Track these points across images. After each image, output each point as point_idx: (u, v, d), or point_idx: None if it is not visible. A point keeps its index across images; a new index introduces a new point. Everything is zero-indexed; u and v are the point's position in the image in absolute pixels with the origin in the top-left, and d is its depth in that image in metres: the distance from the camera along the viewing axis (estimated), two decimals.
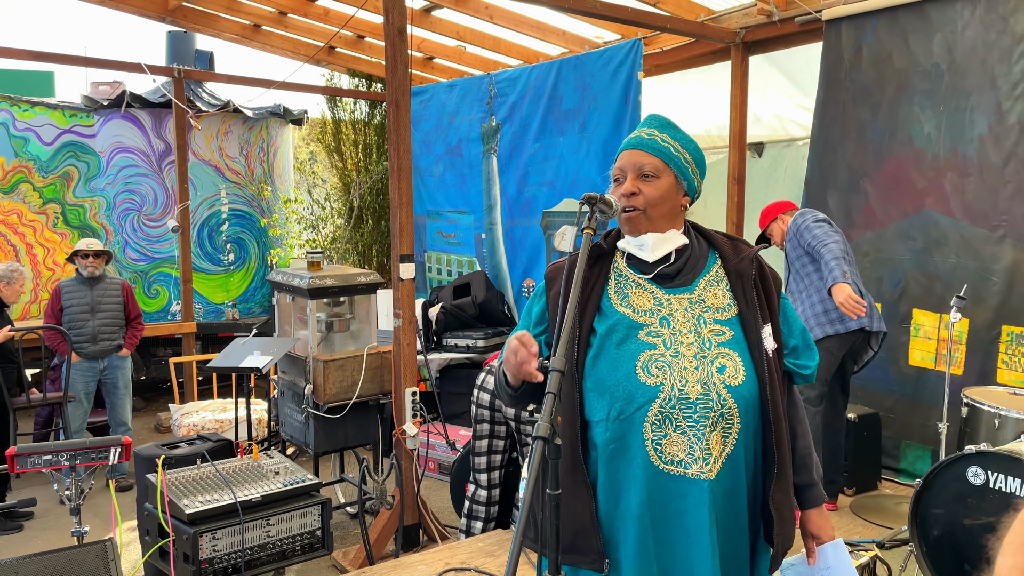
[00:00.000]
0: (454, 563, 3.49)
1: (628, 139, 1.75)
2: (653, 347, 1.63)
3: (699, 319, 1.66)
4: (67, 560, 2.55)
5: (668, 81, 6.45)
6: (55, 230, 7.37)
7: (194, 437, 3.94)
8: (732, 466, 1.62)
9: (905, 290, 4.54)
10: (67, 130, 7.34)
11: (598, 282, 1.71)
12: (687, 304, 1.67)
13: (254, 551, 3.01)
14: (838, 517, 3.97)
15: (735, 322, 1.67)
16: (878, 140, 4.66)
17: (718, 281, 1.72)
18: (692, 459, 1.59)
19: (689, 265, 1.72)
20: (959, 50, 4.27)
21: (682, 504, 1.59)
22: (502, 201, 6.68)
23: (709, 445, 1.59)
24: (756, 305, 1.68)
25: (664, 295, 1.69)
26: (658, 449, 1.60)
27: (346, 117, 8.33)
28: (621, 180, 1.71)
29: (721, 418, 1.60)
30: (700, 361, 1.62)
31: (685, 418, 1.59)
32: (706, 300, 1.69)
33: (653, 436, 1.59)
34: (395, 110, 3.88)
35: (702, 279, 1.71)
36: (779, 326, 1.74)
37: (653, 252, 1.69)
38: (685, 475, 1.59)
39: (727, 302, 1.69)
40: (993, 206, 4.14)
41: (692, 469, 1.58)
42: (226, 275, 7.53)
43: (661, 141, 1.71)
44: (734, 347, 1.65)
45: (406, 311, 3.98)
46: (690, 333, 1.65)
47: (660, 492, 1.60)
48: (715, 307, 1.68)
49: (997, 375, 4.12)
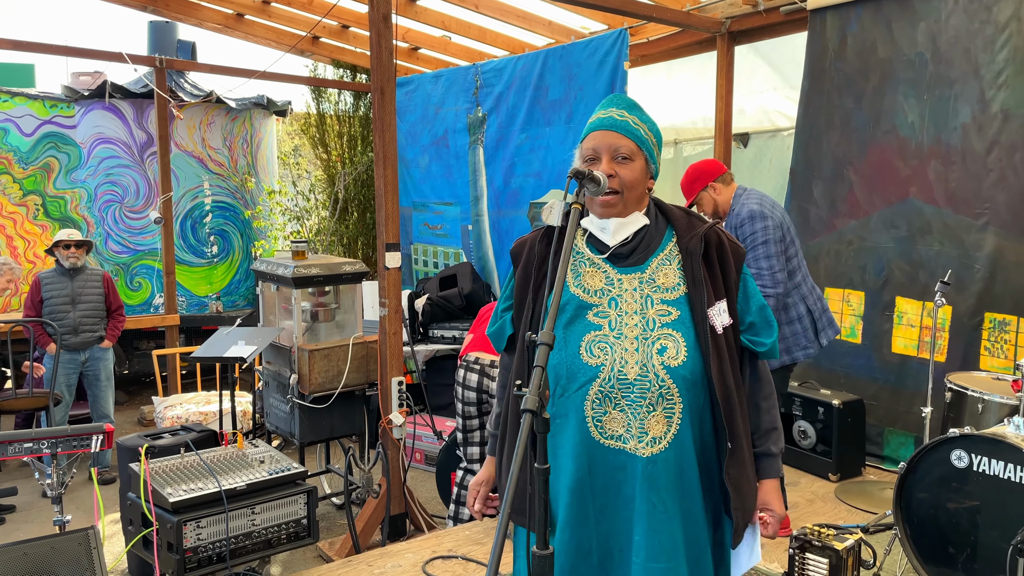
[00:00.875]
0: (441, 551, 3.48)
1: (598, 119, 1.74)
2: (598, 328, 1.68)
3: (647, 299, 1.69)
4: (49, 548, 2.51)
5: (654, 71, 6.45)
6: (36, 222, 7.28)
7: (178, 428, 3.91)
8: (679, 444, 1.66)
9: (889, 278, 4.56)
10: (47, 121, 7.24)
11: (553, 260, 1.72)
12: (637, 284, 1.71)
13: (239, 540, 2.99)
14: (823, 502, 3.99)
15: (683, 301, 1.69)
16: (862, 129, 4.68)
17: (671, 260, 1.73)
18: (629, 435, 1.65)
19: (643, 244, 1.73)
20: (943, 39, 4.29)
21: (621, 475, 1.66)
22: (488, 192, 6.66)
23: (646, 424, 1.64)
24: (704, 283, 1.69)
25: (616, 275, 1.72)
26: (598, 425, 1.67)
27: (330, 109, 8.27)
28: (595, 161, 1.71)
29: (661, 398, 1.64)
30: (641, 343, 1.66)
31: (624, 397, 1.65)
32: (656, 280, 1.71)
33: (594, 413, 1.66)
34: (380, 97, 3.86)
35: (655, 258, 1.73)
36: (735, 301, 1.74)
37: (614, 237, 1.72)
38: (624, 449, 1.65)
39: (677, 281, 1.71)
40: (976, 194, 4.17)
41: (629, 444, 1.65)
42: (210, 267, 7.46)
43: (632, 123, 1.72)
44: (678, 327, 1.67)
45: (392, 300, 3.96)
46: (635, 314, 1.68)
47: (601, 464, 1.67)
48: (664, 287, 1.71)
49: (980, 361, 4.15)
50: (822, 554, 2.71)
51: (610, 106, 1.75)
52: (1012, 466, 2.67)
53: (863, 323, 4.68)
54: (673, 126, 6.53)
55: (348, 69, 8.08)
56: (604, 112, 1.75)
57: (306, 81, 7.81)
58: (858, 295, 4.71)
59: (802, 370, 4.94)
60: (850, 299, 4.74)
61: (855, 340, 4.72)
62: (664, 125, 6.60)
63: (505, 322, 1.85)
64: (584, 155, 1.73)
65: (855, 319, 4.72)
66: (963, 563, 2.81)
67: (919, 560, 2.93)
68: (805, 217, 5.00)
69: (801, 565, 2.76)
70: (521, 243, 1.85)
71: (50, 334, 5.05)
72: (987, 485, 2.74)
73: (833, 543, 2.71)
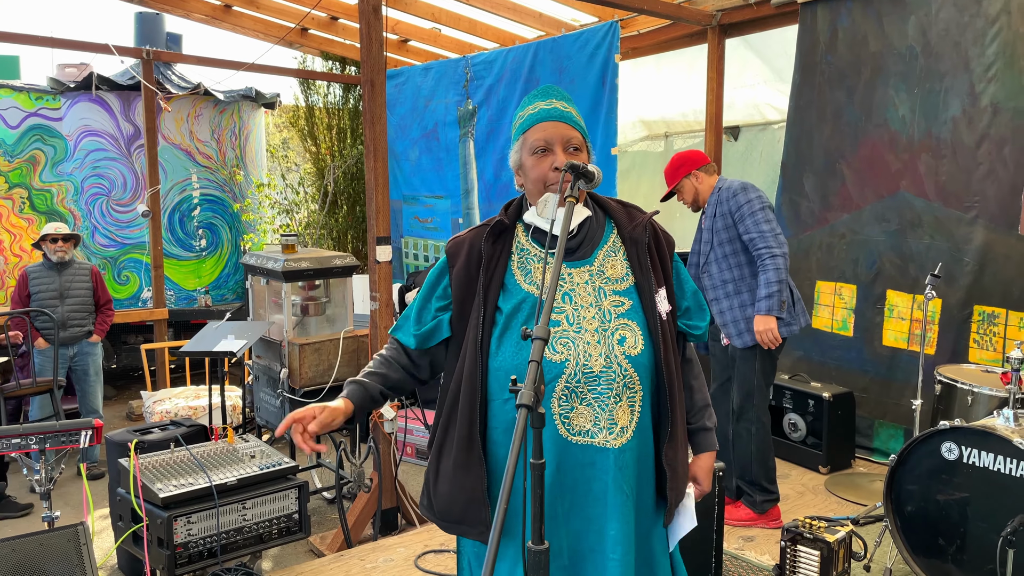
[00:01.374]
0: (433, 545, 3.48)
1: (543, 109, 1.72)
2: (557, 324, 1.66)
3: (599, 291, 1.70)
4: (37, 545, 2.49)
5: (644, 64, 6.44)
6: (21, 215, 7.20)
7: (167, 423, 3.88)
8: (642, 432, 1.70)
9: (880, 271, 4.58)
10: (33, 113, 7.15)
11: (501, 258, 1.72)
12: (588, 277, 1.71)
13: (230, 535, 2.98)
14: (813, 495, 4.01)
15: (632, 291, 1.72)
16: (854, 123, 4.69)
17: (615, 251, 1.75)
18: (598, 429, 1.64)
19: (588, 237, 1.74)
20: (933, 32, 4.30)
21: (590, 471, 1.65)
22: (479, 185, 6.64)
23: (614, 415, 1.65)
24: (650, 271, 1.73)
25: (566, 269, 1.71)
26: (565, 422, 1.65)
27: (319, 102, 8.21)
28: (547, 151, 1.70)
29: (625, 388, 1.66)
30: (601, 334, 1.66)
31: (590, 391, 1.65)
32: (605, 271, 1.72)
33: (560, 410, 1.65)
34: (370, 89, 3.83)
35: (600, 250, 1.74)
36: (672, 288, 1.79)
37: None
38: (592, 444, 1.65)
39: (624, 271, 1.74)
40: (966, 187, 4.19)
41: (598, 438, 1.65)
42: (198, 261, 7.41)
43: (576, 115, 1.74)
44: (633, 317, 1.70)
45: (383, 294, 3.94)
46: (591, 307, 1.68)
47: (569, 461, 1.65)
48: (613, 277, 1.72)
49: (969, 354, 4.18)
50: (813, 546, 2.72)
51: (550, 97, 1.75)
52: (1001, 458, 2.69)
53: (855, 316, 4.70)
54: (664, 119, 6.53)
55: (337, 61, 8.03)
56: (545, 103, 1.73)
57: (295, 73, 7.76)
58: (850, 288, 4.72)
59: (792, 362, 4.96)
60: (842, 292, 4.76)
61: (847, 333, 4.74)
62: (655, 118, 6.60)
63: (442, 323, 1.75)
64: (533, 146, 1.71)
65: (847, 312, 4.74)
66: (953, 554, 2.83)
67: (909, 552, 2.95)
68: (796, 211, 5.01)
69: (793, 557, 2.77)
70: (459, 242, 1.78)
71: (37, 328, 5.00)
72: (977, 477, 2.76)
73: (825, 535, 2.72)
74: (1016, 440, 2.62)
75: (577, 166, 1.58)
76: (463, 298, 1.72)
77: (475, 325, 1.69)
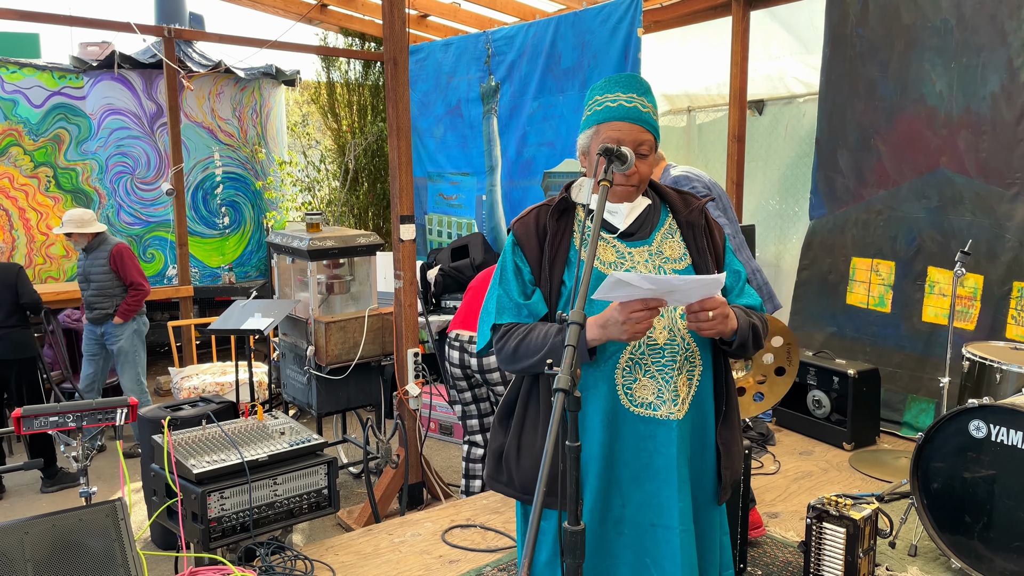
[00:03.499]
0: (459, 520, 3.53)
1: (622, 107, 1.71)
2: None
3: (659, 269, 1.75)
4: (77, 520, 2.56)
5: (668, 38, 6.35)
6: (47, 194, 7.29)
7: (197, 399, 3.95)
8: (699, 405, 1.74)
9: (920, 248, 4.53)
10: (56, 92, 7.21)
11: (564, 235, 1.78)
12: (647, 256, 1.76)
13: (262, 510, 3.04)
14: (837, 471, 4.01)
15: (690, 270, 1.77)
16: (889, 98, 4.61)
17: (672, 233, 1.81)
18: (661, 401, 1.69)
19: (647, 220, 1.80)
20: (968, 4, 4.20)
21: (652, 444, 1.70)
22: (503, 162, 6.62)
23: (677, 387, 1.69)
24: (706, 252, 1.79)
25: (625, 248, 1.77)
26: (628, 393, 1.70)
27: (340, 78, 8.20)
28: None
29: (686, 361, 1.72)
30: (665, 308, 1.70)
31: (654, 363, 1.69)
32: (664, 251, 1.78)
33: (623, 381, 1.70)
34: (393, 68, 3.82)
35: (658, 232, 1.80)
36: (723, 272, 1.84)
37: (625, 221, 1.77)
38: (655, 416, 1.69)
39: (682, 252, 1.79)
40: (1007, 164, 4.12)
41: (661, 411, 1.69)
42: (222, 239, 7.48)
43: (653, 115, 1.76)
44: None
45: (407, 272, 3.96)
46: None
47: (630, 433, 1.70)
48: (672, 257, 1.78)
49: (1006, 330, 4.14)
50: (839, 523, 2.73)
51: (631, 90, 1.74)
52: None
53: (893, 292, 4.66)
54: (687, 93, 6.45)
55: (357, 37, 7.99)
56: (626, 97, 1.73)
57: (315, 50, 7.73)
58: (888, 265, 4.68)
59: (825, 338, 4.94)
60: (879, 268, 4.72)
61: (884, 309, 4.71)
62: (677, 92, 6.53)
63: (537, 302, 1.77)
64: (608, 138, 1.72)
65: (884, 288, 4.70)
66: (979, 532, 2.83)
67: (935, 529, 2.95)
68: (831, 187, 4.95)
69: (818, 534, 2.78)
70: (524, 223, 1.81)
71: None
72: (1004, 455, 2.75)
73: (851, 512, 2.73)
74: None
75: (611, 149, 1.59)
76: (537, 273, 1.78)
77: (544, 298, 1.76)
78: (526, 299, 1.78)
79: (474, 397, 4.01)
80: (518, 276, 1.80)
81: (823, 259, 5.03)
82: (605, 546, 1.75)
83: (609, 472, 1.71)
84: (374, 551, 3.26)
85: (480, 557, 3.20)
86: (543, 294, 1.75)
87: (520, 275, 1.80)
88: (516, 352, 1.71)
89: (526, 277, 1.80)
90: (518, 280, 1.80)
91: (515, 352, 1.72)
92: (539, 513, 1.16)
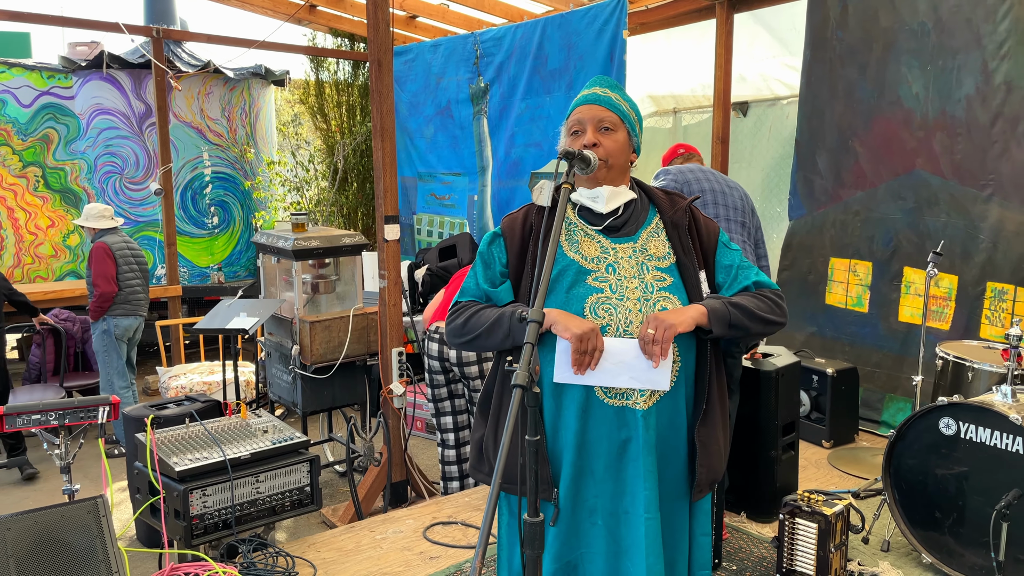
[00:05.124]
0: (441, 517, 3.57)
1: (582, 96, 1.85)
2: (600, 291, 1.75)
3: (642, 266, 1.78)
4: (59, 517, 2.59)
5: (653, 40, 6.40)
6: (36, 194, 7.29)
7: (182, 398, 3.98)
8: (672, 399, 1.76)
9: (896, 248, 4.59)
10: (45, 92, 7.22)
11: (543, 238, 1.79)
12: (631, 252, 1.80)
13: (244, 507, 3.07)
14: (815, 468, 4.07)
15: (674, 269, 1.81)
16: (867, 100, 4.67)
17: (658, 232, 1.85)
18: (632, 390, 1.72)
19: (633, 217, 1.84)
20: (944, 8, 4.26)
21: (624, 432, 1.74)
22: (493, 163, 6.65)
23: None
24: (692, 252, 1.82)
25: (610, 244, 1.80)
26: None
27: (329, 78, 8.22)
28: (580, 133, 1.81)
29: None
30: (643, 303, 1.74)
31: None
32: (648, 249, 1.81)
33: None
34: (377, 69, 3.85)
35: (644, 230, 1.84)
36: (713, 272, 1.87)
37: (607, 204, 1.80)
38: (627, 406, 1.73)
39: (667, 251, 1.82)
40: (981, 165, 4.18)
41: (632, 399, 1.72)
42: (210, 238, 7.50)
43: (615, 99, 1.82)
44: (674, 291, 1.78)
45: (391, 272, 4.00)
46: (634, 278, 1.77)
47: (603, 423, 1.73)
48: (656, 255, 1.81)
49: (981, 330, 4.20)
50: (811, 519, 2.78)
51: (594, 85, 1.86)
52: (998, 433, 2.73)
53: (870, 293, 4.72)
54: (672, 94, 6.50)
55: (346, 38, 8.02)
56: (588, 90, 1.85)
57: (304, 50, 7.76)
58: (865, 265, 4.74)
59: (805, 338, 5.00)
60: (857, 269, 4.78)
61: (862, 309, 4.76)
62: (663, 93, 6.58)
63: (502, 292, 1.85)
64: (570, 128, 1.83)
65: (861, 289, 4.76)
66: (949, 527, 2.89)
67: (907, 524, 3.01)
68: (810, 188, 5.01)
69: (791, 530, 2.83)
70: (512, 218, 1.90)
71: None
72: (974, 452, 2.80)
73: (822, 508, 2.78)
74: (1013, 416, 2.66)
75: (572, 152, 1.63)
76: (518, 267, 1.83)
77: (525, 292, 1.80)
78: (491, 287, 1.86)
79: (450, 393, 4.03)
80: (488, 267, 1.88)
81: (802, 260, 5.08)
82: (579, 535, 1.79)
83: (582, 462, 1.75)
84: (356, 548, 3.30)
85: (461, 553, 3.24)
86: (523, 288, 1.81)
87: (491, 267, 1.88)
88: (465, 325, 1.80)
89: (497, 268, 1.87)
90: (487, 271, 1.88)
91: (464, 325, 1.80)
92: (494, 504, 1.20)
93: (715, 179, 3.70)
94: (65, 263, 7.46)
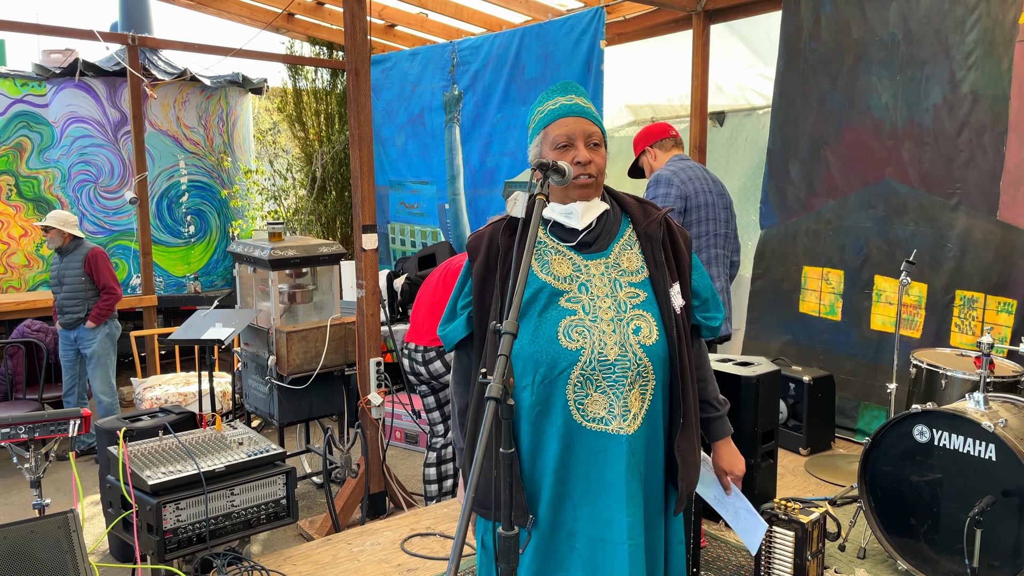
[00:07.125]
0: (419, 529, 3.54)
1: (564, 105, 1.78)
2: (573, 312, 1.72)
3: (615, 283, 1.75)
4: (28, 532, 2.54)
5: (630, 50, 6.44)
6: (8, 202, 7.19)
7: (156, 410, 3.93)
8: (651, 420, 1.75)
9: (867, 257, 4.64)
10: (18, 99, 7.12)
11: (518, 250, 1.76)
12: (603, 269, 1.76)
13: (219, 520, 3.03)
14: (793, 476, 4.09)
15: (647, 284, 1.77)
16: (838, 109, 4.73)
17: (631, 244, 1.81)
18: (612, 416, 1.70)
19: (605, 230, 1.80)
20: (914, 19, 4.33)
21: (603, 458, 1.70)
22: (465, 171, 6.66)
23: (628, 402, 1.70)
24: (664, 266, 1.78)
25: (582, 261, 1.77)
26: (580, 408, 1.70)
27: (307, 86, 8.19)
28: (569, 147, 1.75)
29: (639, 376, 1.71)
30: (617, 324, 1.71)
31: (605, 378, 1.70)
32: (621, 264, 1.78)
33: (575, 396, 1.70)
34: (355, 78, 3.84)
35: (616, 243, 1.80)
36: (689, 283, 1.85)
37: (582, 220, 1.76)
38: (606, 431, 1.70)
39: (639, 265, 1.79)
40: (948, 174, 4.24)
41: (612, 426, 1.70)
42: (187, 247, 7.42)
43: (593, 111, 1.80)
44: (647, 308, 1.75)
45: (369, 281, 3.98)
46: (607, 297, 1.74)
47: (583, 448, 1.71)
48: (629, 270, 1.78)
49: (951, 338, 4.25)
50: (788, 527, 2.79)
51: (569, 93, 1.80)
52: (971, 440, 2.76)
53: (843, 301, 4.76)
54: (650, 104, 6.54)
55: (324, 46, 8.00)
56: (565, 99, 1.79)
57: (282, 59, 7.73)
58: (837, 273, 4.78)
59: (780, 346, 5.03)
60: (829, 277, 4.82)
61: (835, 318, 4.81)
62: (641, 103, 6.62)
63: (461, 322, 1.85)
64: (555, 142, 1.76)
65: (834, 297, 4.80)
66: (924, 533, 2.91)
67: (883, 531, 3.03)
68: (783, 197, 5.06)
69: (768, 538, 2.84)
70: (478, 237, 1.85)
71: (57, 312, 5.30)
72: (947, 459, 2.83)
73: (799, 516, 2.79)
74: (985, 423, 2.69)
75: (546, 164, 1.62)
76: (482, 291, 1.79)
77: (493, 315, 1.76)
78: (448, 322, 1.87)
79: (437, 401, 4.00)
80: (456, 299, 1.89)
81: (776, 268, 5.13)
82: (557, 560, 1.76)
83: (561, 486, 1.72)
84: (332, 560, 3.26)
85: (438, 565, 3.21)
86: (495, 308, 1.76)
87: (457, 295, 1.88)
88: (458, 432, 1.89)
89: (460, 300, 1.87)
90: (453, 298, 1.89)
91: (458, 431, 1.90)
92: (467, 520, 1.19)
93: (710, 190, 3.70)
94: (38, 273, 7.34)
